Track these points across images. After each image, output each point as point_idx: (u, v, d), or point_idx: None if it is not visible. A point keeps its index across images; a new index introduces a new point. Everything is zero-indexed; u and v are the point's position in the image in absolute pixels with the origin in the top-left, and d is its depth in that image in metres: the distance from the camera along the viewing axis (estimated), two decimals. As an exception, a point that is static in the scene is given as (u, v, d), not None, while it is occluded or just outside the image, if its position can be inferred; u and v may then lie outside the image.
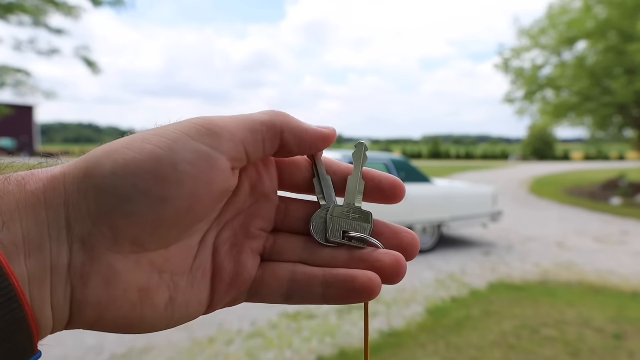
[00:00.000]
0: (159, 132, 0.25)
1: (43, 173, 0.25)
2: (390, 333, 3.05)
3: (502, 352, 2.75)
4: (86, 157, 0.25)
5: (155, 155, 0.24)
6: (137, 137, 0.25)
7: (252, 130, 0.27)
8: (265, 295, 0.30)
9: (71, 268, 0.23)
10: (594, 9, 12.35)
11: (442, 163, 45.56)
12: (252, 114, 0.28)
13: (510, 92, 15.56)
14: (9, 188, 0.23)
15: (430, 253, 5.41)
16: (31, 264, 0.23)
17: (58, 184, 0.24)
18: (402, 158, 5.87)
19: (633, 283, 4.28)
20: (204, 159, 0.25)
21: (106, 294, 0.24)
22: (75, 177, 0.24)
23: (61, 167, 0.25)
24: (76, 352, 2.68)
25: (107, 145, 0.25)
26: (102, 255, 0.24)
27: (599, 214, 9.07)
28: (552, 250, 5.72)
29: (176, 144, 0.24)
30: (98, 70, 8.91)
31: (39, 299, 0.23)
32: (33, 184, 0.24)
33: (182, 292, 0.27)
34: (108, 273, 0.24)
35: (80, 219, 0.24)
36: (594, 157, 72.85)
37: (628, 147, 20.52)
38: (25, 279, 0.22)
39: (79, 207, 0.24)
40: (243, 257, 0.29)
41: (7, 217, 0.22)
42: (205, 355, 2.70)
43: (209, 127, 0.25)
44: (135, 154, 0.24)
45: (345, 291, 0.29)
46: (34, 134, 45.15)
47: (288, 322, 3.20)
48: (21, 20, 7.84)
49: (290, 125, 0.28)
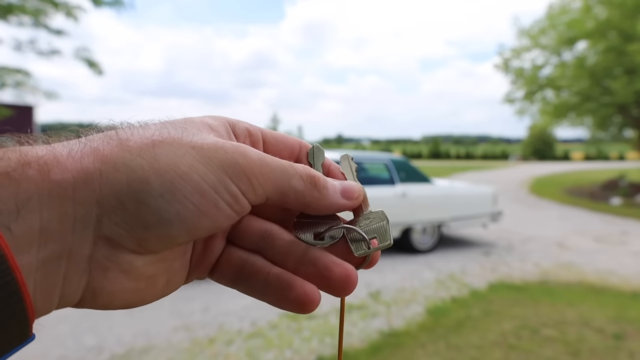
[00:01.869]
0: (203, 159, 0.25)
1: (70, 162, 0.23)
2: (390, 333, 3.05)
3: (502, 352, 2.75)
4: (125, 161, 0.24)
5: (202, 189, 0.25)
6: (181, 156, 0.25)
7: (282, 193, 0.28)
8: (218, 276, 0.31)
9: (92, 259, 0.24)
10: (594, 9, 12.36)
11: (442, 163, 45.56)
12: (293, 174, 0.28)
13: (510, 92, 15.58)
14: (29, 173, 0.22)
15: (430, 253, 5.41)
16: (44, 254, 0.22)
17: (92, 180, 0.23)
18: (402, 158, 5.87)
19: (633, 283, 4.28)
20: (239, 203, 0.26)
21: (122, 284, 0.25)
22: (115, 181, 0.24)
23: (93, 160, 0.24)
24: (76, 352, 2.68)
25: (152, 157, 0.24)
26: (124, 254, 0.25)
27: (599, 214, 9.07)
28: (552, 250, 5.72)
29: (219, 182, 0.25)
30: (100, 70, 8.91)
31: (45, 288, 0.23)
32: (59, 173, 0.23)
33: (176, 273, 0.29)
34: (128, 267, 0.25)
35: (113, 222, 0.24)
36: (594, 157, 72.85)
37: (628, 147, 20.53)
38: (31, 269, 0.22)
39: (114, 210, 0.24)
40: (212, 239, 0.30)
41: (23, 204, 0.21)
42: (205, 355, 2.70)
43: (248, 175, 0.26)
44: (184, 182, 0.25)
45: (279, 297, 0.29)
46: (34, 134, 45.00)
47: (288, 322, 3.20)
48: (21, 21, 7.84)
49: (319, 203, 0.29)
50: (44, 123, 22.02)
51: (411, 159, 51.95)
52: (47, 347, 2.73)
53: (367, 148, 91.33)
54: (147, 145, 0.25)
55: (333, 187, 0.30)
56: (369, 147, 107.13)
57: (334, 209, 0.30)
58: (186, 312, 3.30)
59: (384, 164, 5.46)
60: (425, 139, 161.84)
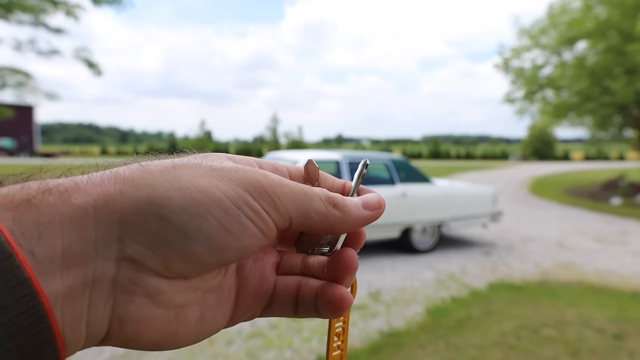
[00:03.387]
0: (223, 178, 0.26)
1: (91, 187, 0.24)
2: (390, 333, 3.05)
3: (502, 352, 2.75)
4: (147, 181, 0.24)
5: (223, 203, 0.25)
6: (202, 175, 0.25)
7: (305, 215, 0.28)
8: (277, 307, 0.31)
9: (117, 283, 0.23)
10: (594, 8, 12.35)
11: (442, 163, 45.56)
12: (313, 196, 0.28)
13: (510, 92, 15.57)
14: (49, 199, 0.22)
15: (430, 253, 5.40)
16: (68, 279, 0.22)
17: (112, 201, 0.23)
18: (402, 158, 5.87)
19: (633, 283, 4.28)
20: (262, 220, 0.26)
21: (149, 311, 0.24)
22: (136, 199, 0.24)
23: (114, 182, 0.24)
24: (76, 352, 2.68)
25: (172, 176, 0.25)
26: (150, 276, 0.24)
27: (599, 214, 9.07)
28: (552, 250, 5.72)
29: (241, 198, 0.25)
30: (99, 71, 8.91)
31: (73, 315, 0.22)
32: (80, 197, 0.23)
33: (211, 308, 0.28)
34: (155, 292, 0.24)
35: (135, 241, 0.23)
36: (594, 157, 72.84)
37: (628, 147, 20.52)
38: (58, 296, 0.21)
39: (136, 229, 0.23)
40: (265, 272, 0.31)
41: (45, 228, 0.21)
42: (205, 355, 2.70)
43: (270, 194, 0.26)
44: (205, 196, 0.24)
45: (330, 305, 0.30)
46: (34, 134, 45.11)
47: (288, 322, 3.20)
48: (21, 20, 7.84)
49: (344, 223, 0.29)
50: (44, 123, 21.99)
51: (411, 159, 51.96)
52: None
53: (367, 148, 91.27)
54: (168, 167, 0.25)
55: (353, 203, 0.30)
56: (369, 147, 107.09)
57: (360, 224, 0.30)
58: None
59: (384, 164, 5.46)
60: (425, 139, 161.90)
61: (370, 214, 0.30)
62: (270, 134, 59.59)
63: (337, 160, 5.23)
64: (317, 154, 5.67)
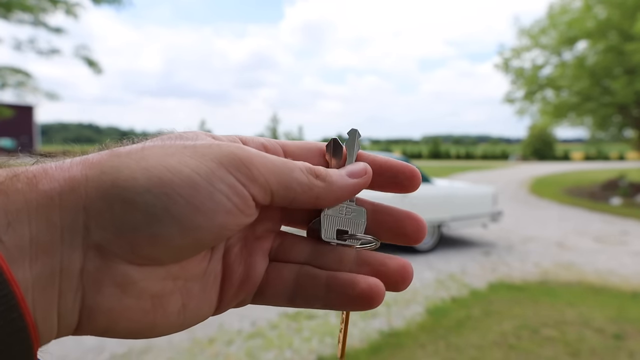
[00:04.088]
0: (195, 154, 0.24)
1: (59, 172, 0.23)
2: (390, 333, 3.05)
3: (502, 352, 2.75)
4: (113, 163, 0.23)
5: (193, 181, 0.23)
6: (172, 154, 0.24)
7: (286, 187, 0.26)
8: (270, 296, 0.29)
9: (84, 272, 0.22)
10: (594, 8, 12.36)
11: (442, 163, 45.57)
12: (294, 167, 0.27)
13: (510, 92, 15.58)
14: (18, 186, 0.22)
15: (430, 253, 5.41)
16: (37, 268, 0.21)
17: (78, 186, 0.22)
18: (402, 158, 5.87)
19: (633, 283, 4.28)
20: (238, 194, 0.24)
21: (119, 301, 0.23)
22: (101, 182, 0.23)
23: (81, 168, 0.23)
24: (76, 352, 2.68)
25: (140, 157, 0.24)
26: (118, 264, 0.23)
27: (599, 214, 9.07)
28: (552, 250, 5.72)
29: (214, 173, 0.24)
30: (99, 69, 8.92)
31: (43, 305, 0.22)
32: (47, 184, 0.22)
33: (195, 297, 0.26)
34: (123, 281, 0.23)
35: (100, 227, 0.22)
36: (594, 157, 72.85)
37: (628, 147, 20.53)
38: (28, 284, 0.21)
39: (101, 214, 0.22)
40: (253, 259, 0.29)
41: (13, 216, 0.21)
42: (205, 355, 2.70)
43: (247, 165, 0.25)
44: (173, 175, 0.23)
45: (345, 297, 0.28)
46: (34, 134, 45.20)
47: (288, 322, 3.20)
48: (21, 19, 7.84)
49: (328, 193, 0.28)
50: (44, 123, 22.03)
51: (411, 159, 51.93)
52: (47, 347, 2.73)
53: (367, 148, 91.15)
54: (137, 149, 0.24)
55: (336, 173, 0.29)
56: (369, 147, 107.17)
57: (347, 193, 0.29)
58: (186, 312, 3.30)
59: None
60: (425, 139, 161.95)
61: (355, 182, 0.29)
62: (270, 134, 59.69)
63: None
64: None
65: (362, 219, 0.30)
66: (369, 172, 0.30)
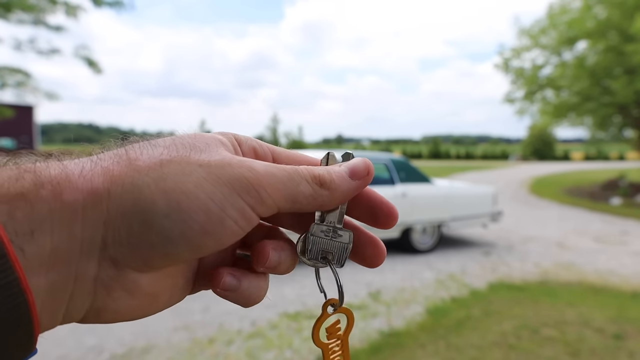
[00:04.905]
0: (210, 177, 0.25)
1: (82, 183, 0.24)
2: (390, 333, 3.05)
3: (502, 352, 2.75)
4: (134, 180, 0.24)
5: (208, 209, 0.25)
6: (189, 177, 0.25)
7: (293, 201, 0.28)
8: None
9: (98, 280, 0.24)
10: (594, 8, 12.36)
11: (442, 163, 45.56)
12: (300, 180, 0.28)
13: (510, 92, 15.58)
14: (42, 194, 0.22)
15: (430, 253, 5.40)
16: (52, 276, 0.22)
17: (100, 201, 0.23)
18: (402, 158, 5.87)
19: (633, 283, 4.28)
20: (246, 218, 0.26)
21: (126, 303, 0.26)
22: (122, 201, 0.24)
23: (102, 180, 0.24)
24: (76, 352, 2.68)
25: (159, 176, 0.25)
26: (129, 273, 0.25)
27: (599, 214, 9.06)
28: (552, 250, 5.72)
29: (226, 200, 0.25)
30: (99, 69, 8.91)
31: (52, 308, 0.23)
32: (70, 194, 0.23)
33: (179, 288, 0.29)
34: (132, 287, 0.25)
35: (118, 242, 0.24)
36: (594, 157, 72.85)
37: (628, 147, 20.53)
38: (40, 290, 0.22)
39: (119, 231, 0.24)
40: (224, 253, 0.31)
41: (37, 226, 0.22)
42: (205, 355, 2.70)
43: (257, 189, 0.26)
44: (190, 201, 0.24)
45: None
46: (34, 134, 45.16)
47: (288, 322, 3.20)
48: (21, 19, 7.84)
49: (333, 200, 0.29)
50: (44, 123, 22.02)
51: (411, 159, 51.94)
52: (47, 347, 2.73)
53: (367, 148, 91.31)
54: (155, 164, 0.25)
55: (339, 176, 0.29)
56: (369, 147, 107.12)
57: (348, 197, 0.30)
58: (186, 312, 3.30)
59: (384, 164, 5.46)
60: (425, 139, 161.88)
61: (357, 184, 0.30)
62: (270, 134, 59.62)
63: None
64: (317, 154, 5.67)
65: (349, 244, 0.30)
66: (372, 170, 0.30)
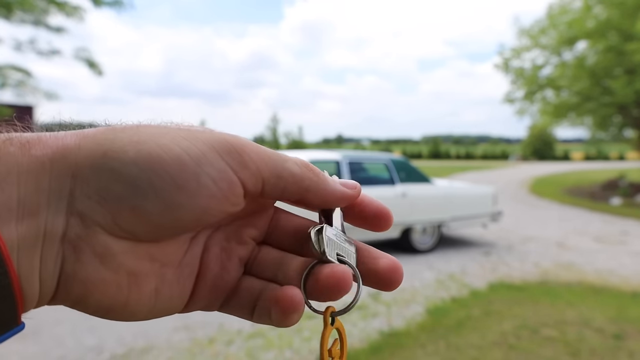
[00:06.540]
0: (189, 136, 0.25)
1: (52, 140, 0.24)
2: (390, 333, 3.05)
3: (502, 352, 2.75)
4: (107, 136, 0.24)
5: (181, 160, 0.23)
6: (165, 134, 0.24)
7: (278, 175, 0.26)
8: (234, 306, 0.29)
9: (65, 238, 0.23)
10: (594, 8, 12.36)
11: (442, 163, 45.59)
12: (287, 159, 0.27)
13: (510, 92, 15.59)
14: (10, 149, 0.22)
15: (430, 253, 5.40)
16: (22, 228, 0.22)
17: (69, 154, 0.23)
18: (402, 158, 5.87)
19: (633, 283, 4.28)
20: (226, 179, 0.24)
21: (97, 272, 0.23)
22: (92, 152, 0.23)
23: (75, 137, 0.24)
24: (76, 352, 2.68)
25: (134, 132, 0.24)
26: (99, 234, 0.23)
27: (599, 214, 9.07)
28: (552, 250, 5.72)
29: (204, 156, 0.24)
30: (100, 71, 8.91)
31: (27, 267, 0.22)
32: (39, 149, 0.23)
33: (168, 284, 0.26)
34: (103, 252, 0.23)
35: (85, 195, 0.23)
36: (594, 157, 72.89)
37: (628, 147, 20.54)
38: (14, 244, 0.21)
39: (87, 182, 0.23)
40: (230, 263, 0.29)
41: (3, 177, 0.22)
42: (205, 355, 2.70)
43: (239, 152, 0.25)
44: (163, 152, 0.23)
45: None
46: (34, 134, 45.04)
47: (288, 322, 3.20)
48: (22, 19, 7.84)
49: (318, 187, 0.28)
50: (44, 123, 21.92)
51: (411, 159, 51.99)
52: (47, 347, 2.73)
53: (367, 148, 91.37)
54: (132, 126, 0.25)
55: (329, 177, 0.29)
56: (368, 147, 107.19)
57: (336, 197, 0.28)
58: (186, 312, 3.31)
59: (384, 164, 5.46)
60: (425, 139, 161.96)
61: (345, 190, 0.29)
62: (270, 134, 59.65)
63: (337, 160, 5.23)
64: (317, 154, 5.67)
65: (353, 249, 0.30)
66: (359, 187, 0.30)
